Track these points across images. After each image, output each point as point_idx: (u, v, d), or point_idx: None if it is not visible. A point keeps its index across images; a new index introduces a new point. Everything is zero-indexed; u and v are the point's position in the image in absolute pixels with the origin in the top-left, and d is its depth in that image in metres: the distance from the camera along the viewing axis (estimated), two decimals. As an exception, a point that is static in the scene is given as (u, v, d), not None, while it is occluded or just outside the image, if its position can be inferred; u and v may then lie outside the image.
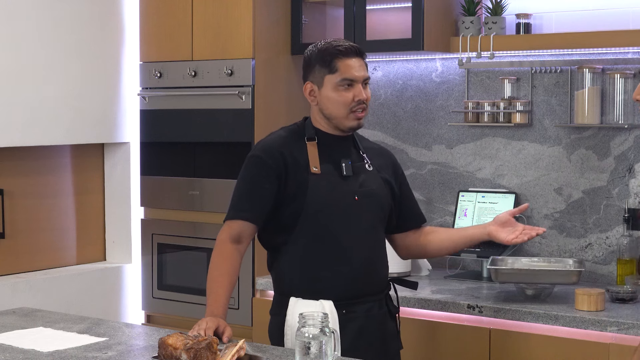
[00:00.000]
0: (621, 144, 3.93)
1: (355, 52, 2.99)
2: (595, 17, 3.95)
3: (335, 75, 2.96)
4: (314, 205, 2.94)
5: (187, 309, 4.34)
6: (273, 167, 2.93)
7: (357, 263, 2.95)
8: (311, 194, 2.94)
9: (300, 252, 2.94)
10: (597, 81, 3.89)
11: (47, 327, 3.04)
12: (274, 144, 2.99)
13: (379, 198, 3.02)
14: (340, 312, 2.92)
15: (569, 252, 4.05)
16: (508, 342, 3.48)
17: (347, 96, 2.95)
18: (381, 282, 3.04)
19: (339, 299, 2.93)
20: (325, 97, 2.98)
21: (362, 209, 2.97)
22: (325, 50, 2.99)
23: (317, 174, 2.95)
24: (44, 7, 4.31)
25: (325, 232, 2.95)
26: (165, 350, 2.53)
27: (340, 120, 2.98)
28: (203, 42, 4.27)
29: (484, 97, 4.23)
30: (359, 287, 2.96)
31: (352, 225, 2.96)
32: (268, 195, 2.94)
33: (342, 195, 2.96)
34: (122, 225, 4.77)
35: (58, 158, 4.61)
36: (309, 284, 2.94)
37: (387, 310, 3.05)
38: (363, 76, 2.97)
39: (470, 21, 4.10)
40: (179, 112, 4.36)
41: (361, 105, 2.97)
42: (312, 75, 3.01)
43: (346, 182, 2.97)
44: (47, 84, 4.34)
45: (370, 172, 3.03)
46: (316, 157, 2.97)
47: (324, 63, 2.98)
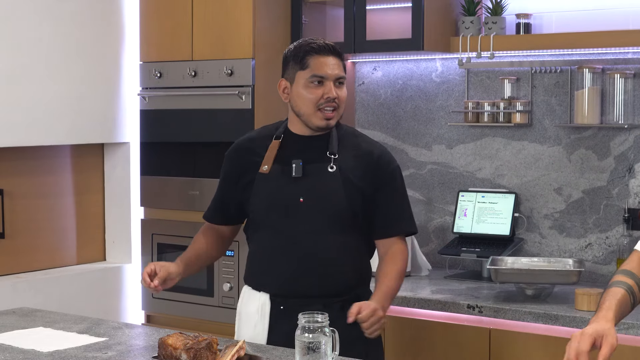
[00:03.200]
0: (621, 144, 3.93)
1: (329, 50, 2.96)
2: (595, 17, 3.95)
3: (306, 71, 2.95)
4: (257, 204, 3.01)
5: (187, 309, 4.34)
6: (231, 171, 3.10)
7: (299, 263, 2.94)
8: (255, 193, 3.01)
9: (252, 246, 3.09)
10: (597, 81, 3.90)
11: (47, 327, 3.04)
12: (240, 143, 3.13)
13: (331, 200, 2.94)
14: (278, 307, 2.96)
15: (569, 252, 4.05)
16: (508, 342, 3.48)
17: (316, 93, 2.93)
18: (334, 285, 2.96)
19: (276, 294, 2.97)
20: (296, 94, 2.98)
21: (309, 210, 2.94)
22: (299, 47, 3.00)
23: (264, 173, 2.99)
24: (44, 7, 4.31)
25: (270, 230, 2.99)
26: (165, 350, 2.53)
27: (308, 117, 2.97)
28: (203, 42, 4.27)
29: (484, 97, 4.23)
30: (297, 286, 2.94)
31: (297, 226, 2.95)
32: (225, 196, 3.14)
33: (286, 196, 2.96)
34: (122, 225, 4.77)
35: (58, 158, 4.61)
36: (254, 276, 3.05)
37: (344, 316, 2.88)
38: (334, 74, 2.94)
39: (470, 21, 4.10)
40: (179, 112, 4.36)
41: (330, 103, 2.93)
42: (286, 72, 3.02)
43: (294, 183, 2.96)
44: (47, 84, 4.34)
45: (329, 174, 2.95)
46: (271, 157, 3.00)
47: (296, 59, 2.98)
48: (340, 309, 2.94)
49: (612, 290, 2.37)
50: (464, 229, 4.15)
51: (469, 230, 4.13)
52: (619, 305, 2.33)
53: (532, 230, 4.13)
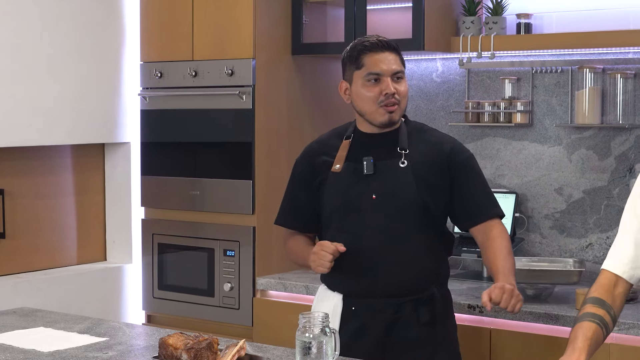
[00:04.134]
0: (622, 144, 3.93)
1: (382, 46, 2.95)
2: (596, 17, 3.95)
3: (361, 70, 2.96)
4: (330, 203, 3.01)
5: (187, 309, 4.34)
6: (304, 173, 3.09)
7: (371, 262, 2.93)
8: (328, 192, 3.01)
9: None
10: (597, 81, 3.89)
11: (48, 327, 3.04)
12: (311, 146, 3.14)
13: (404, 197, 2.93)
14: (350, 307, 2.96)
15: (570, 252, 4.05)
16: (508, 342, 3.48)
17: (374, 91, 2.94)
18: (407, 284, 2.94)
19: (349, 294, 2.97)
20: (355, 94, 2.99)
21: (381, 207, 2.93)
22: (353, 47, 3.01)
23: (336, 172, 2.98)
24: (45, 7, 4.31)
25: (342, 228, 2.98)
26: (165, 350, 2.53)
27: (371, 115, 2.97)
28: (203, 42, 4.27)
29: (484, 97, 4.23)
30: (370, 286, 2.94)
31: (369, 224, 2.94)
32: (303, 203, 3.11)
33: (359, 193, 2.96)
34: (123, 225, 4.77)
35: (59, 158, 4.61)
36: (329, 274, 3.01)
37: (416, 316, 2.94)
38: (390, 69, 2.93)
39: (470, 21, 4.10)
40: (179, 112, 4.36)
41: (390, 99, 2.93)
42: (345, 74, 3.03)
43: (366, 180, 2.95)
44: (47, 84, 4.34)
45: (401, 170, 2.94)
46: (342, 156, 3.00)
47: (352, 60, 2.99)
48: (414, 308, 2.94)
49: (584, 326, 2.31)
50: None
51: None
52: (591, 344, 2.28)
53: (533, 231, 4.13)
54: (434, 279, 2.99)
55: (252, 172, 4.13)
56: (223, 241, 4.23)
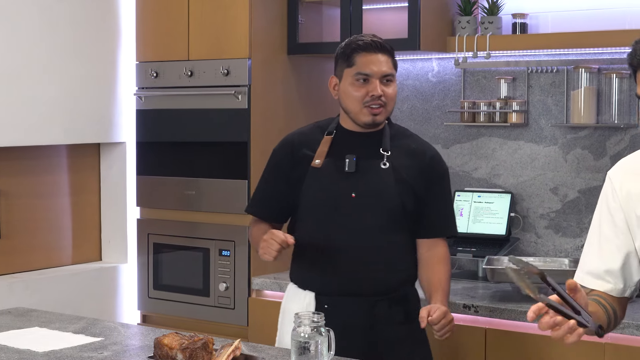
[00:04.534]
0: (617, 143, 3.94)
1: (376, 47, 2.95)
2: (592, 17, 3.96)
3: (352, 69, 2.96)
4: (308, 198, 3.01)
5: (183, 309, 4.34)
6: (282, 164, 3.07)
7: (348, 260, 2.94)
8: (306, 187, 3.00)
9: (299, 241, 3.02)
10: (593, 81, 3.90)
11: (43, 327, 3.03)
12: (292, 137, 3.12)
13: (383, 197, 2.94)
14: (322, 306, 2.95)
15: (565, 251, 4.06)
16: (504, 342, 3.48)
17: (361, 91, 2.94)
18: (382, 283, 2.96)
19: (323, 292, 2.97)
20: (343, 91, 2.99)
21: (360, 206, 2.94)
22: (348, 44, 3.01)
23: (317, 168, 2.98)
24: (40, 7, 4.31)
25: (318, 226, 2.99)
26: (160, 350, 2.52)
27: (356, 115, 2.97)
28: (199, 42, 4.27)
29: (480, 96, 4.23)
30: (344, 284, 2.94)
31: (347, 222, 2.95)
32: (277, 193, 3.09)
33: (339, 191, 2.96)
34: (118, 225, 4.77)
35: (54, 158, 4.61)
36: (300, 273, 3.06)
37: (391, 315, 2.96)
38: (380, 71, 2.93)
39: (466, 21, 4.10)
40: (175, 112, 4.35)
41: (376, 101, 2.93)
42: (336, 69, 3.03)
43: (347, 178, 2.96)
44: (43, 84, 4.34)
45: (382, 170, 2.95)
46: (324, 152, 3.00)
47: (344, 56, 2.99)
48: (388, 307, 2.95)
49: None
50: (460, 228, 4.13)
51: (465, 230, 4.13)
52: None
53: (528, 230, 4.13)
54: (407, 279, 3.02)
55: (247, 172, 4.13)
56: (218, 241, 4.23)
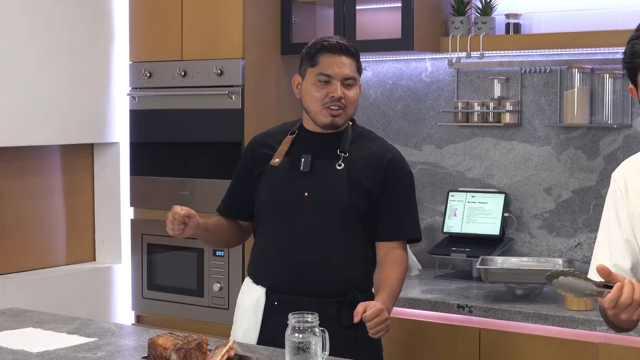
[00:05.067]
0: (610, 143, 3.94)
1: (340, 49, 2.95)
2: (585, 18, 3.96)
3: (315, 68, 2.96)
4: (264, 196, 3.02)
5: (176, 309, 4.34)
6: (246, 163, 3.12)
7: (296, 259, 2.94)
8: (263, 185, 3.03)
9: (255, 239, 3.09)
10: (586, 81, 3.90)
11: (37, 327, 3.03)
12: (256, 137, 3.16)
13: (335, 198, 2.93)
14: (272, 302, 2.96)
15: (559, 251, 4.06)
16: (498, 342, 3.48)
17: (322, 92, 2.94)
18: (331, 285, 2.93)
19: (272, 289, 2.98)
20: (305, 90, 3.00)
21: (312, 206, 2.94)
22: (313, 44, 3.01)
23: (274, 166, 3.00)
24: (33, 8, 4.30)
25: (273, 223, 3.00)
26: (155, 350, 2.52)
27: (315, 115, 2.97)
28: (193, 42, 4.26)
29: (473, 97, 4.24)
30: (293, 283, 2.94)
31: (299, 221, 2.95)
32: (240, 192, 3.14)
33: (291, 190, 2.97)
34: (112, 225, 4.76)
35: (47, 158, 4.60)
36: (253, 268, 3.07)
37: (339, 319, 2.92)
38: (342, 74, 2.93)
39: (460, 21, 4.11)
40: (168, 112, 4.35)
41: (335, 103, 2.93)
42: (301, 68, 3.03)
43: (301, 177, 2.96)
44: (36, 84, 4.33)
45: (336, 171, 2.94)
46: (283, 151, 3.01)
47: (308, 56, 2.99)
48: (337, 310, 2.93)
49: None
50: (454, 228, 4.16)
51: (459, 230, 4.13)
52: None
53: (522, 230, 4.14)
54: (358, 283, 2.98)
55: (241, 172, 4.12)
56: (212, 241, 4.22)
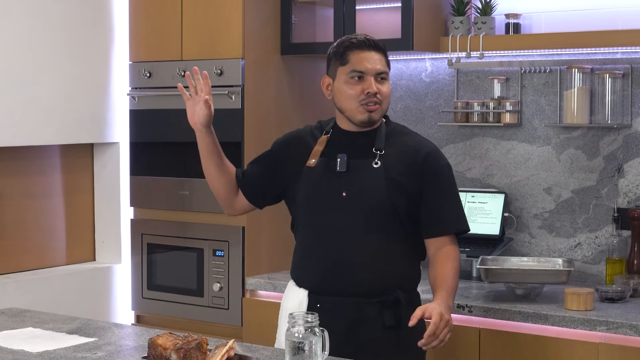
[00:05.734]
0: (610, 143, 3.94)
1: (369, 45, 2.94)
2: (585, 18, 3.96)
3: (346, 67, 2.94)
4: (302, 197, 3.01)
5: (176, 309, 4.34)
6: (275, 154, 3.13)
7: (337, 260, 2.93)
8: (301, 186, 3.01)
9: (296, 240, 3.08)
10: (586, 81, 3.90)
11: (37, 327, 3.03)
12: (289, 136, 3.17)
13: (373, 197, 2.91)
14: (315, 305, 2.95)
15: (559, 251, 4.06)
16: (498, 342, 3.48)
17: (356, 89, 2.93)
18: (370, 285, 2.92)
19: (314, 291, 2.97)
20: (337, 90, 2.98)
21: (350, 205, 2.93)
22: (340, 43, 2.99)
23: (310, 167, 2.99)
24: (33, 8, 4.30)
25: (311, 224, 3.00)
26: (154, 350, 2.52)
27: (351, 113, 2.96)
28: (192, 42, 4.26)
29: (473, 97, 4.24)
30: (333, 284, 2.93)
31: (337, 222, 2.94)
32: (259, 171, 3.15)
33: (329, 190, 2.95)
34: (112, 225, 4.76)
35: (47, 158, 4.60)
36: (296, 270, 3.08)
37: (381, 319, 2.91)
38: (375, 69, 2.92)
39: (459, 21, 4.11)
40: (168, 112, 4.35)
41: (371, 99, 2.92)
42: (329, 69, 3.02)
43: (338, 177, 2.95)
44: (36, 84, 4.33)
45: (373, 170, 2.93)
46: (318, 151, 3.00)
47: (337, 55, 2.98)
48: (379, 310, 2.91)
49: None
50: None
51: (459, 230, 4.13)
52: None
53: (522, 230, 4.14)
54: (399, 282, 2.95)
55: (241, 172, 4.12)
56: (212, 241, 4.22)
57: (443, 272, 2.92)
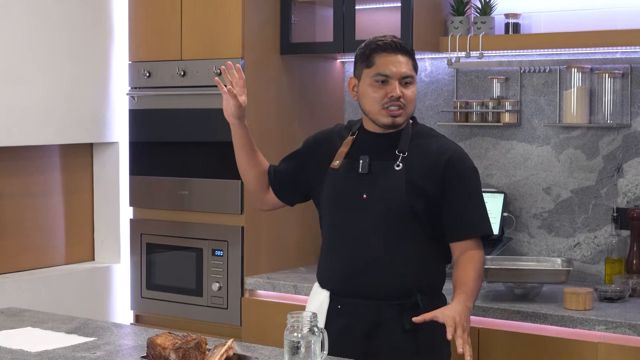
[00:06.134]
0: (609, 143, 3.94)
1: (395, 48, 2.92)
2: (584, 17, 3.96)
3: (371, 69, 2.93)
4: (325, 199, 3.02)
5: (176, 309, 4.34)
6: (304, 155, 3.14)
7: (356, 261, 2.92)
8: (325, 187, 3.01)
9: (322, 240, 3.08)
10: (585, 81, 3.90)
11: (36, 327, 3.03)
12: (318, 135, 3.17)
13: (392, 199, 2.89)
14: (336, 306, 2.95)
15: (558, 251, 4.06)
16: (497, 342, 3.48)
17: (380, 92, 2.91)
18: (389, 288, 2.91)
19: (335, 292, 2.97)
20: (362, 92, 2.97)
21: (371, 207, 2.91)
22: (367, 45, 2.98)
23: (334, 168, 2.99)
24: (33, 7, 4.30)
25: (333, 225, 3.00)
26: (153, 350, 2.52)
27: (375, 116, 2.94)
28: (192, 42, 4.26)
29: (472, 96, 4.24)
30: (353, 285, 2.93)
31: (358, 223, 2.93)
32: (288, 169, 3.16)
33: (350, 192, 2.95)
34: (111, 225, 4.76)
35: (47, 158, 4.60)
36: (320, 271, 3.07)
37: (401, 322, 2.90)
38: (399, 72, 2.89)
39: (459, 21, 4.11)
40: (168, 111, 4.35)
41: (395, 102, 2.89)
42: (355, 70, 3.01)
43: (360, 179, 2.94)
44: (36, 84, 4.33)
45: (394, 172, 2.91)
46: (343, 153, 2.99)
47: (363, 57, 2.96)
48: (399, 313, 2.90)
49: None
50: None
51: (458, 229, 4.13)
52: None
53: (521, 230, 4.14)
54: (419, 286, 2.93)
55: (240, 172, 4.12)
56: (211, 241, 4.22)
57: (464, 275, 2.89)
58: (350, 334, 2.92)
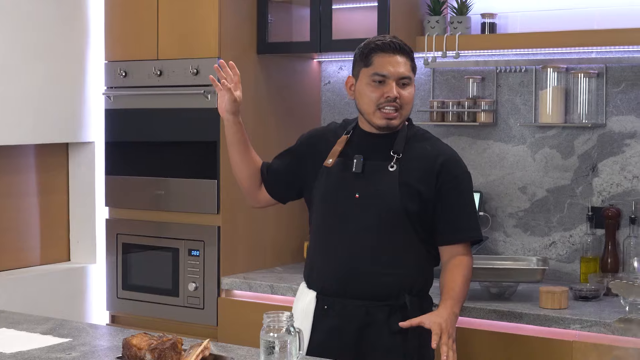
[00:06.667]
0: (585, 143, 3.96)
1: (394, 48, 2.91)
2: (560, 17, 3.98)
3: (369, 69, 2.92)
4: (318, 197, 3.01)
5: (152, 309, 4.32)
6: (298, 152, 3.12)
7: (347, 261, 2.91)
8: (318, 185, 3.00)
9: (310, 238, 3.07)
10: (561, 80, 3.92)
11: (10, 327, 3.01)
12: (313, 132, 3.17)
13: (385, 200, 2.89)
14: (322, 306, 2.94)
15: (533, 250, 4.08)
16: (472, 341, 3.49)
17: (376, 92, 2.90)
18: (379, 289, 2.90)
19: (324, 292, 2.96)
20: (359, 91, 2.96)
21: (362, 207, 2.91)
22: (367, 44, 2.97)
23: (328, 167, 2.97)
24: (7, 6, 4.27)
25: (324, 224, 2.99)
26: (129, 350, 2.51)
27: (370, 116, 2.94)
28: (168, 41, 4.25)
29: (449, 96, 4.25)
30: (341, 286, 2.92)
31: (351, 223, 2.92)
32: (282, 166, 3.14)
33: (343, 191, 2.94)
34: (87, 225, 4.74)
35: (22, 158, 4.57)
36: (307, 271, 3.06)
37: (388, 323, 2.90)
38: (397, 73, 2.89)
39: (435, 21, 4.12)
40: (144, 111, 4.34)
41: (391, 103, 2.89)
42: (354, 69, 3.00)
43: (353, 178, 2.93)
44: (10, 83, 4.31)
45: (388, 173, 2.90)
46: (337, 151, 2.98)
47: (362, 56, 2.96)
48: (387, 315, 2.90)
49: None
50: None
51: (435, 229, 4.13)
52: None
53: (497, 229, 4.15)
54: (409, 287, 2.93)
55: (217, 172, 4.12)
56: (188, 241, 4.21)
57: (452, 280, 2.90)
58: (338, 335, 2.91)
